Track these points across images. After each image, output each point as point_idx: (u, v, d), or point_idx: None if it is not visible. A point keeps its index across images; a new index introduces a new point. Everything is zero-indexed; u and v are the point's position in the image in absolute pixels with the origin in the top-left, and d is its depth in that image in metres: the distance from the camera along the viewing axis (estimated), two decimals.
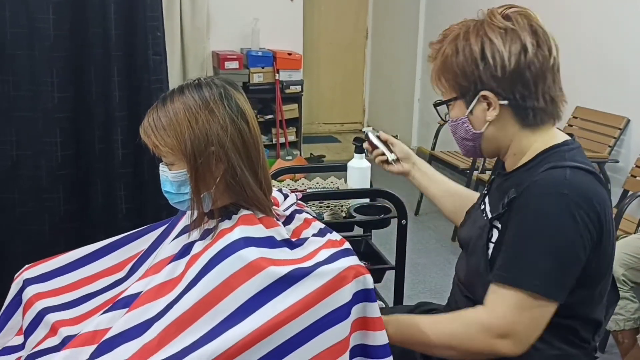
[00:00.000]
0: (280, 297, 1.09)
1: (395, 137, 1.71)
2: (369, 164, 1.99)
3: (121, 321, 1.13)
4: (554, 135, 1.27)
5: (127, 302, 1.18)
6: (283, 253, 1.17)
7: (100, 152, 2.16)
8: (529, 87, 1.21)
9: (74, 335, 1.27)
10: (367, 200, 2.01)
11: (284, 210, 1.34)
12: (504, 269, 1.18)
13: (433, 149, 4.42)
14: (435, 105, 1.34)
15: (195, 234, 1.23)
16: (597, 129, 3.61)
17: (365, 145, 1.72)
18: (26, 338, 1.36)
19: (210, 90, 1.20)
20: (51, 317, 1.33)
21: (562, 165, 1.18)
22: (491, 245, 1.26)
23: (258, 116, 5.02)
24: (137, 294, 1.18)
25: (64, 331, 1.29)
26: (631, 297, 2.39)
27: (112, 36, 2.05)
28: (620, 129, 3.47)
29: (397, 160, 1.64)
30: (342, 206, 1.96)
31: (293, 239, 1.24)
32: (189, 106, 1.18)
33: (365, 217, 1.87)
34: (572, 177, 1.16)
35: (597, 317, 1.28)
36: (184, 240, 1.25)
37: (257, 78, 5.04)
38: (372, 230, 2.13)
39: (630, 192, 3.13)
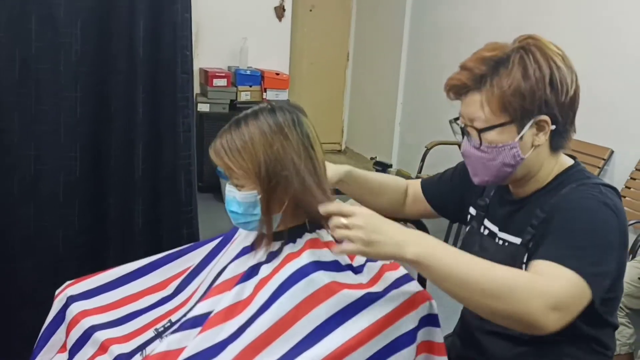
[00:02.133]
0: (353, 320, 1.12)
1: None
2: None
3: (195, 342, 1.14)
4: (565, 159, 1.35)
5: (195, 323, 1.19)
6: (349, 277, 1.21)
7: (120, 167, 2.15)
8: (575, 114, 1.28)
9: (127, 354, 1.28)
10: None
11: None
12: (560, 252, 1.15)
13: (420, 172, 4.51)
14: (480, 130, 1.26)
15: (260, 255, 1.25)
16: (581, 159, 3.65)
17: None
18: (72, 356, 1.35)
19: (284, 116, 1.23)
20: (100, 335, 1.33)
21: (592, 183, 1.25)
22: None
23: None
24: (204, 315, 1.20)
25: (115, 349, 1.30)
26: (627, 322, 2.49)
27: (139, 53, 2.05)
28: (604, 159, 3.62)
29: None
30: None
31: (354, 264, 1.27)
32: (263, 131, 1.20)
33: None
34: (606, 191, 1.23)
35: (615, 321, 1.35)
36: (248, 260, 1.27)
37: (244, 96, 5.06)
38: None
39: None
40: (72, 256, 2.14)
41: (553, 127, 1.25)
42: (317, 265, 1.18)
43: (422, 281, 1.89)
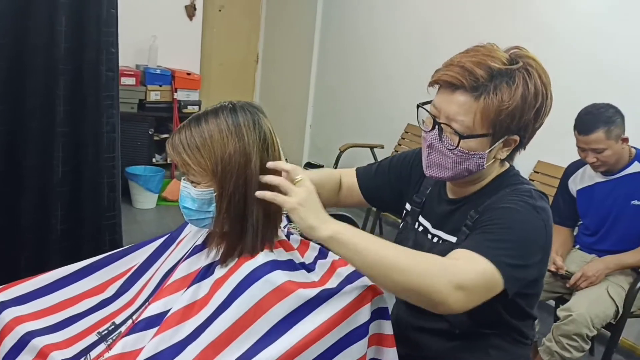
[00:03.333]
0: (309, 317, 1.14)
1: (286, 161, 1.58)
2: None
3: (152, 343, 1.12)
4: (504, 163, 1.41)
5: (150, 323, 1.17)
6: (303, 276, 1.23)
7: (38, 169, 2.05)
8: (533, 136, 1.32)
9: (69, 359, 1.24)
10: None
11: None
12: (480, 243, 1.19)
13: None
14: (463, 136, 1.25)
15: (213, 254, 1.24)
16: None
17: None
18: None
19: (244, 116, 1.22)
20: (38, 342, 1.27)
21: (524, 188, 1.31)
22: None
23: (154, 135, 4.93)
24: (160, 315, 1.18)
25: (57, 355, 1.25)
26: None
27: (61, 49, 1.97)
28: None
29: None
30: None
31: (306, 262, 1.29)
32: (222, 129, 1.20)
33: None
34: (537, 196, 1.30)
35: (535, 314, 1.43)
36: (200, 259, 1.26)
37: (154, 96, 4.94)
38: None
39: None
40: None
41: (517, 145, 1.29)
42: (273, 265, 1.19)
43: None
